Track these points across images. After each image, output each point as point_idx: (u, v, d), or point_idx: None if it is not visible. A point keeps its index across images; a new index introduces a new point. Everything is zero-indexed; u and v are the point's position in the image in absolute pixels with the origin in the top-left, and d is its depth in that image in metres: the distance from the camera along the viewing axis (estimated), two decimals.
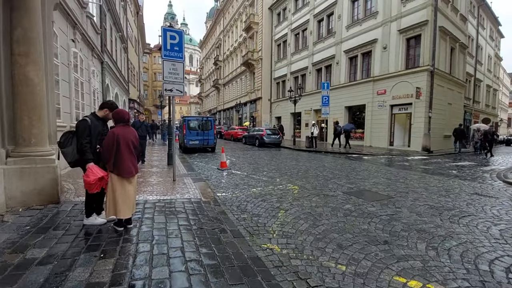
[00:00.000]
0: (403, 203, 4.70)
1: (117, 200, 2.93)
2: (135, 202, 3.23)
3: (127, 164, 2.95)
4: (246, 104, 32.20)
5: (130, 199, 3.05)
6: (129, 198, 3.04)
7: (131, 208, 3.07)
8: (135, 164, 3.11)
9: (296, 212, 4.18)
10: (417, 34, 14.48)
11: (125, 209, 2.99)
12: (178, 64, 5.50)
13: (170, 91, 5.44)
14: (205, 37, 54.05)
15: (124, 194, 2.98)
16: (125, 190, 2.99)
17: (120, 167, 2.92)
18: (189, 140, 12.89)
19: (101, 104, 3.30)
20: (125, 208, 2.98)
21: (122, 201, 2.96)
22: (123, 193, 2.97)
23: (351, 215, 4.06)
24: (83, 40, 9.04)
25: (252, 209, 4.30)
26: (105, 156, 2.92)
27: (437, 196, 5.26)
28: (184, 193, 4.90)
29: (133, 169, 3.05)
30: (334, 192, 5.40)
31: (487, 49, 28.07)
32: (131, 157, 3.03)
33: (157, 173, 6.87)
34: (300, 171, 8.00)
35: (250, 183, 6.20)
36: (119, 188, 2.95)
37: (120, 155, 2.90)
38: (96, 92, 10.92)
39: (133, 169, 3.06)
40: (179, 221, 3.50)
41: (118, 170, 2.92)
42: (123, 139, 2.92)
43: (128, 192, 3.02)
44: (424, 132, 14.20)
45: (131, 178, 3.07)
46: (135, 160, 3.13)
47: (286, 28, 25.91)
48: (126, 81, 21.12)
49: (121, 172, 2.93)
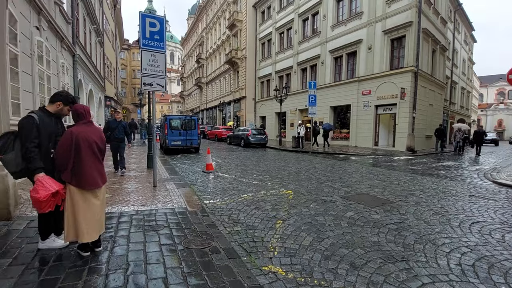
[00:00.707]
0: (407, 209, 4.40)
1: (79, 219, 2.31)
2: (104, 220, 2.60)
3: (91, 172, 2.33)
4: (230, 103, 31.55)
5: (96, 217, 2.43)
6: (95, 216, 2.42)
7: (97, 228, 2.45)
8: (102, 173, 2.49)
9: (295, 222, 3.72)
10: (401, 35, 14.61)
11: (90, 230, 2.37)
12: (159, 55, 4.87)
13: (149, 85, 4.79)
14: (186, 34, 52.62)
15: (88, 212, 2.36)
16: (89, 206, 2.37)
17: (81, 177, 2.29)
18: (171, 140, 12.12)
19: (53, 96, 2.56)
20: (89, 229, 2.36)
21: (85, 220, 2.33)
22: (86, 210, 2.35)
23: (356, 224, 3.66)
24: (50, 29, 8.08)
25: (245, 220, 3.79)
26: (61, 164, 2.27)
27: (437, 200, 5.02)
28: (167, 201, 4.29)
29: (98, 179, 2.42)
30: (331, 197, 5.02)
31: (462, 53, 29.36)
32: (96, 163, 2.41)
33: (135, 178, 6.16)
34: (291, 173, 7.59)
35: (239, 188, 5.68)
36: (81, 203, 2.33)
37: (80, 162, 2.27)
38: (67, 88, 9.90)
39: (99, 179, 2.43)
40: (161, 239, 2.92)
41: (78, 181, 2.29)
42: (84, 141, 2.29)
43: (93, 208, 2.40)
44: (408, 132, 14.35)
45: (97, 190, 2.45)
46: (102, 166, 2.51)
47: (271, 27, 25.57)
48: (102, 77, 19.78)
49: (83, 183, 2.31)
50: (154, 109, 4.98)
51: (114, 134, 6.42)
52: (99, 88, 18.50)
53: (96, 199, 2.44)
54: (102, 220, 2.54)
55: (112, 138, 6.43)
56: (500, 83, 70.75)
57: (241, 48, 28.74)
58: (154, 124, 5.05)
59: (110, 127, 6.50)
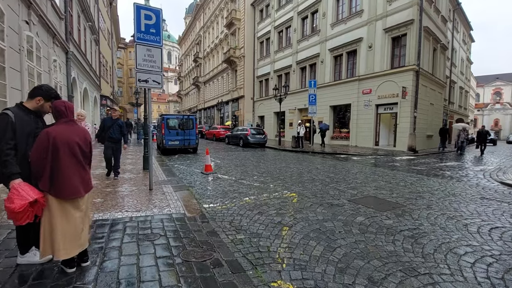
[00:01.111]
0: (419, 213, 4.14)
1: (55, 233, 2.00)
2: (87, 233, 2.28)
3: (71, 179, 2.03)
4: (228, 103, 31.23)
5: (76, 231, 2.11)
6: (75, 230, 2.09)
7: (77, 243, 2.12)
8: (85, 180, 2.17)
9: (303, 229, 3.45)
10: (402, 33, 14.40)
11: (68, 246, 2.05)
12: (154, 50, 4.56)
13: (145, 82, 4.49)
14: (184, 33, 52.15)
15: (67, 225, 2.05)
16: (68, 219, 2.05)
17: (60, 185, 1.98)
18: (169, 140, 11.79)
19: (32, 90, 2.25)
20: (67, 244, 2.04)
21: (63, 234, 2.02)
22: (64, 223, 2.04)
23: (368, 231, 3.40)
24: (41, 24, 7.73)
25: (248, 226, 3.51)
26: (36, 170, 1.96)
27: (449, 203, 4.78)
28: (164, 206, 4.00)
29: (80, 187, 2.10)
30: (338, 200, 4.75)
31: (460, 53, 29.31)
32: (78, 169, 2.10)
33: (130, 180, 5.85)
34: (293, 174, 7.32)
35: (240, 190, 5.40)
36: (59, 215, 2.02)
37: (59, 167, 1.97)
38: (59, 86, 9.54)
39: (81, 187, 2.12)
40: (157, 250, 2.63)
41: (56, 190, 1.99)
42: (63, 143, 1.98)
43: (72, 221, 2.08)
44: (410, 132, 14.15)
45: (79, 200, 2.14)
46: (85, 172, 2.19)
47: (269, 25, 25.28)
48: (98, 76, 19.38)
49: (61, 191, 2.00)
50: (150, 107, 4.68)
51: (109, 133, 5.85)
52: (95, 87, 18.11)
53: (77, 211, 2.12)
54: (86, 233, 2.22)
55: (107, 138, 5.88)
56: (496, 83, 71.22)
57: (239, 47, 28.43)
58: (150, 123, 4.73)
59: (105, 126, 5.95)
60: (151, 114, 4.74)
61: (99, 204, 3.98)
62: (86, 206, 2.22)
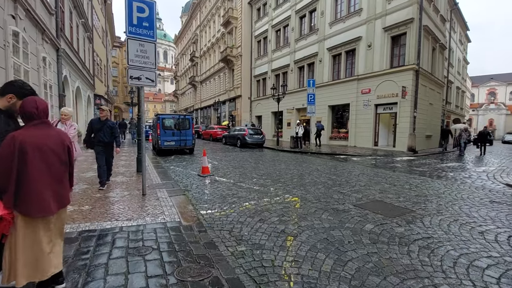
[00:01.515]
0: (430, 220, 3.90)
1: (17, 255, 1.67)
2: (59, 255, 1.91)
3: (40, 193, 1.70)
4: (225, 103, 30.89)
5: (43, 254, 1.76)
6: (41, 253, 1.75)
7: (43, 268, 1.77)
8: (60, 193, 1.84)
9: (309, 238, 3.18)
10: (402, 32, 14.22)
11: (30, 272, 1.71)
12: (148, 45, 4.26)
13: (137, 79, 4.18)
14: (180, 32, 51.65)
15: (32, 246, 1.71)
16: (34, 240, 1.72)
17: (27, 201, 1.66)
18: (164, 141, 11.45)
19: (2, 87, 1.94)
20: (29, 269, 1.71)
21: (25, 257, 1.69)
22: (28, 244, 1.70)
23: (379, 241, 3.14)
24: (28, 18, 7.36)
25: (250, 236, 3.23)
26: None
27: (458, 207, 4.55)
28: (157, 214, 3.70)
29: (51, 203, 1.75)
30: (343, 205, 4.49)
31: (457, 53, 29.34)
32: (51, 181, 1.77)
33: (122, 184, 5.52)
34: (293, 176, 7.05)
35: (240, 194, 5.11)
36: (22, 235, 1.68)
37: (26, 179, 1.65)
38: (49, 84, 9.16)
39: (53, 202, 1.77)
40: (149, 267, 2.33)
41: (22, 206, 1.66)
42: (33, 149, 1.67)
43: (39, 243, 1.74)
44: (410, 132, 13.99)
45: (51, 218, 1.80)
46: (61, 186, 1.85)
47: (267, 24, 25.01)
48: (91, 75, 18.93)
49: (28, 209, 1.67)
50: (143, 106, 4.37)
51: (98, 137, 5.12)
52: (88, 86, 17.66)
53: (45, 231, 1.78)
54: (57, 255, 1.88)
55: (96, 141, 5.17)
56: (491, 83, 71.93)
57: (236, 46, 28.11)
58: (144, 123, 4.41)
59: (93, 128, 5.21)
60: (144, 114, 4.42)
61: (86, 212, 3.67)
62: (60, 224, 1.90)
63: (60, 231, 1.95)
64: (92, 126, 5.23)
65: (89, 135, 5.23)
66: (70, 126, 4.42)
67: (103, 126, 5.18)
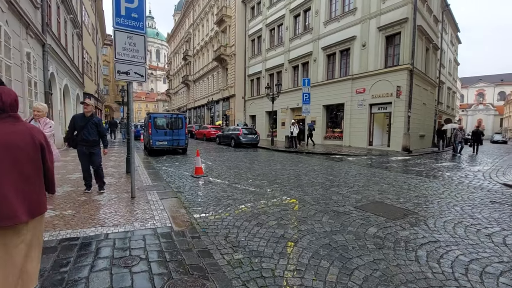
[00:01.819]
0: (434, 222, 3.75)
1: None
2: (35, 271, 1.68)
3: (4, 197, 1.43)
4: (219, 102, 30.56)
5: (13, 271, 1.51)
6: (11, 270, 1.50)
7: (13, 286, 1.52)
8: (31, 198, 1.57)
9: (310, 244, 2.97)
10: (396, 32, 14.22)
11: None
12: (137, 38, 3.98)
13: (125, 74, 3.90)
14: (173, 30, 51.00)
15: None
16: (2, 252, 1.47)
17: None
18: (156, 141, 11.11)
19: None
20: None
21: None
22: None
23: (385, 245, 2.96)
24: (11, 11, 6.96)
25: (247, 242, 3.00)
26: None
27: (460, 208, 4.43)
28: (147, 218, 3.44)
29: (19, 209, 1.48)
30: (343, 207, 4.31)
31: (448, 54, 29.73)
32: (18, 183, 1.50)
33: (110, 185, 5.21)
34: (290, 177, 6.85)
35: (235, 196, 4.88)
36: None
37: None
38: (34, 81, 8.73)
39: (21, 209, 1.50)
40: (135, 282, 2.09)
41: None
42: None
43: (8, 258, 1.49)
44: (404, 132, 13.99)
45: (20, 227, 1.54)
46: (31, 188, 1.58)
47: (261, 23, 24.80)
48: (81, 73, 18.37)
49: None
50: (132, 103, 4.09)
51: (82, 135, 4.48)
52: (77, 84, 17.11)
53: (17, 242, 1.53)
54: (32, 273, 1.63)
55: (79, 140, 4.52)
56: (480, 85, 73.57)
57: (230, 44, 27.82)
58: (132, 121, 4.12)
59: (76, 125, 4.54)
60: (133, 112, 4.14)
61: (69, 218, 3.37)
62: (32, 234, 1.62)
63: (37, 243, 1.69)
64: (75, 123, 4.55)
65: (72, 132, 4.59)
66: (45, 124, 4.06)
67: (87, 123, 4.53)
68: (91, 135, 4.55)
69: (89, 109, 4.59)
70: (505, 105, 63.18)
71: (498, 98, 71.10)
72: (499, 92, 71.38)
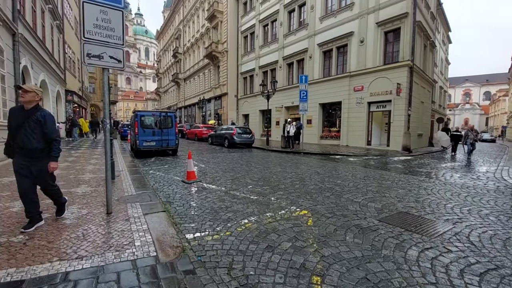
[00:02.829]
0: (480, 238, 3.10)
1: None
2: None
3: None
4: (210, 101, 29.62)
5: None
6: None
7: None
8: None
9: (342, 279, 2.25)
10: (396, 27, 13.74)
11: None
12: (113, 13, 3.15)
13: (97, 58, 3.06)
14: (162, 27, 49.55)
15: None
16: None
17: None
18: (143, 141, 10.19)
19: None
20: None
21: None
22: None
23: (440, 279, 2.26)
24: None
25: (258, 277, 2.26)
26: None
27: (495, 218, 3.81)
28: (125, 245, 2.63)
29: None
30: (366, 221, 3.62)
31: (440, 53, 29.79)
32: None
33: (82, 196, 4.32)
34: (294, 181, 6.13)
35: (235, 207, 4.12)
36: None
37: None
38: (1, 74, 7.70)
39: None
40: None
41: None
42: None
43: None
44: (404, 131, 13.54)
45: None
46: None
47: (254, 19, 24.02)
48: (62, 68, 17.13)
49: None
50: (107, 96, 3.24)
51: (18, 139, 2.81)
52: (57, 80, 15.89)
53: None
54: None
55: (16, 147, 2.84)
56: (466, 85, 75.22)
57: (222, 41, 26.92)
58: (107, 119, 3.27)
59: (10, 123, 2.86)
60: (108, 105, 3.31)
61: (17, 247, 2.52)
62: None
63: None
64: (9, 120, 2.87)
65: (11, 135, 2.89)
66: None
67: (26, 120, 2.80)
68: (30, 140, 2.80)
69: (28, 97, 2.81)
70: (491, 105, 64.71)
71: (484, 97, 72.91)
72: (485, 92, 73.20)
